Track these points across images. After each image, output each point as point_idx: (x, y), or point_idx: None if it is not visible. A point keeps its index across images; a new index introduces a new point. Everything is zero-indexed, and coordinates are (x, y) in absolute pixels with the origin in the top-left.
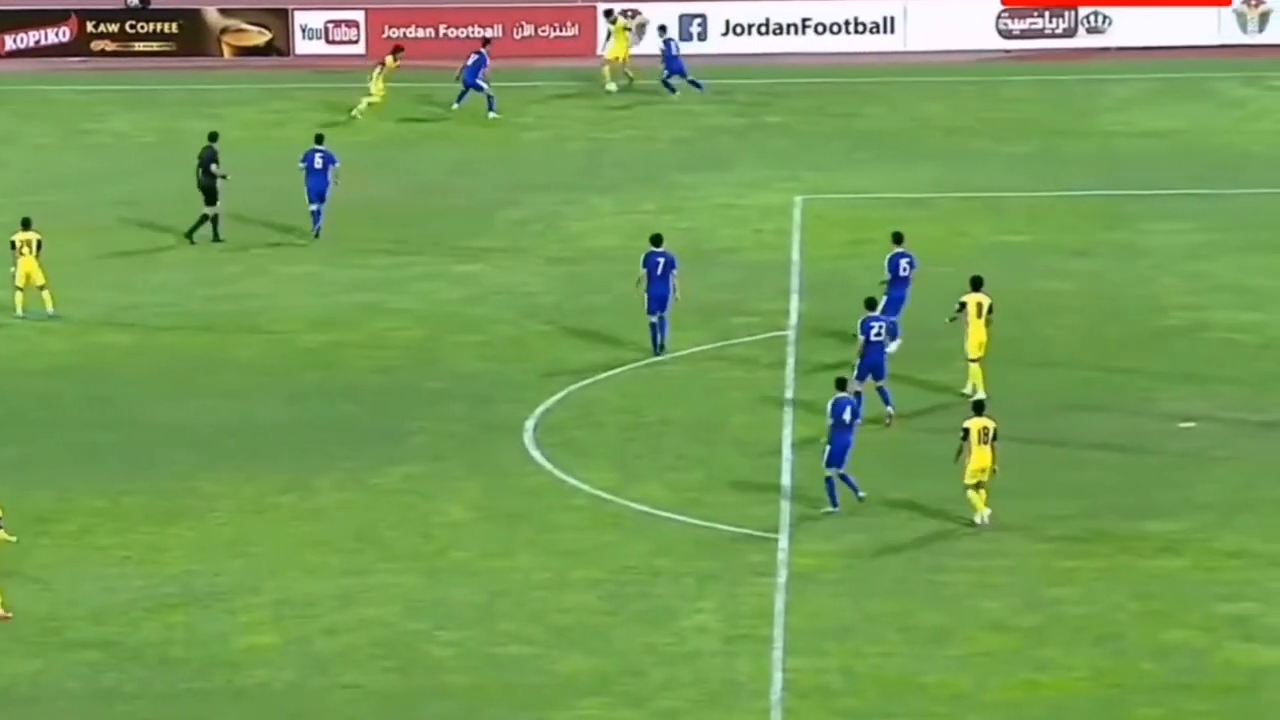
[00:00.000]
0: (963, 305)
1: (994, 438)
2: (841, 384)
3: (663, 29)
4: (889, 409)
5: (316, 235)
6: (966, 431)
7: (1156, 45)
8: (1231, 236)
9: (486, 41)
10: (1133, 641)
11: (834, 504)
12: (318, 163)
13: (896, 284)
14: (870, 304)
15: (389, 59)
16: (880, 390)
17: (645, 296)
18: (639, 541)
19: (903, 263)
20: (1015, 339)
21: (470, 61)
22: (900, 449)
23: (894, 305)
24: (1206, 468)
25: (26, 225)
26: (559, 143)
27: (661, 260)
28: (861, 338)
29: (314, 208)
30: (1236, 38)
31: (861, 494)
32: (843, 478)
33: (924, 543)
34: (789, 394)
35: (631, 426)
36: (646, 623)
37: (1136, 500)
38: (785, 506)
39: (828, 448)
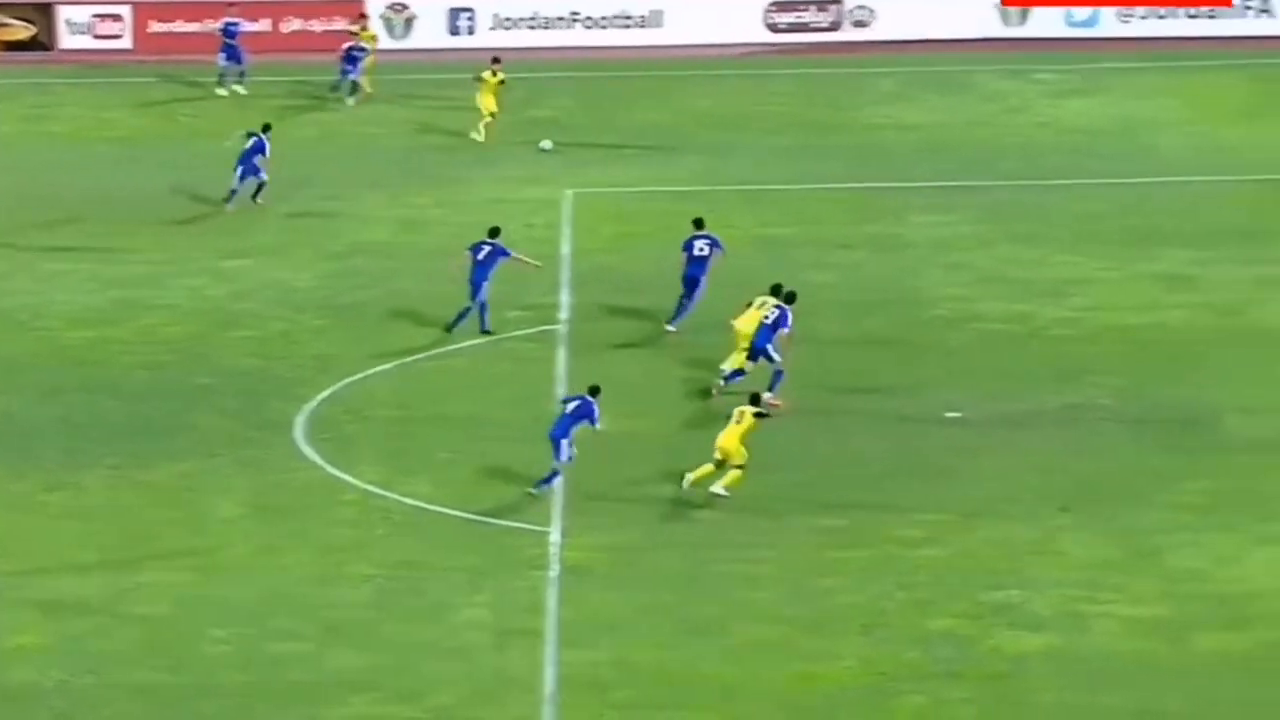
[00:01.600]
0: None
1: (745, 422)
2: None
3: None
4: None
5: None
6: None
7: (920, 39)
8: (992, 228)
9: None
10: (899, 630)
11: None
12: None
13: (692, 264)
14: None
15: (488, 75)
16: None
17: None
18: (410, 537)
19: (698, 243)
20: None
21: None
22: (669, 442)
23: (688, 285)
24: (971, 457)
25: None
26: (329, 138)
27: (487, 248)
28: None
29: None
30: (998, 31)
31: (540, 489)
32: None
33: (696, 535)
34: (560, 387)
35: (403, 422)
36: (418, 618)
37: (903, 490)
38: (557, 500)
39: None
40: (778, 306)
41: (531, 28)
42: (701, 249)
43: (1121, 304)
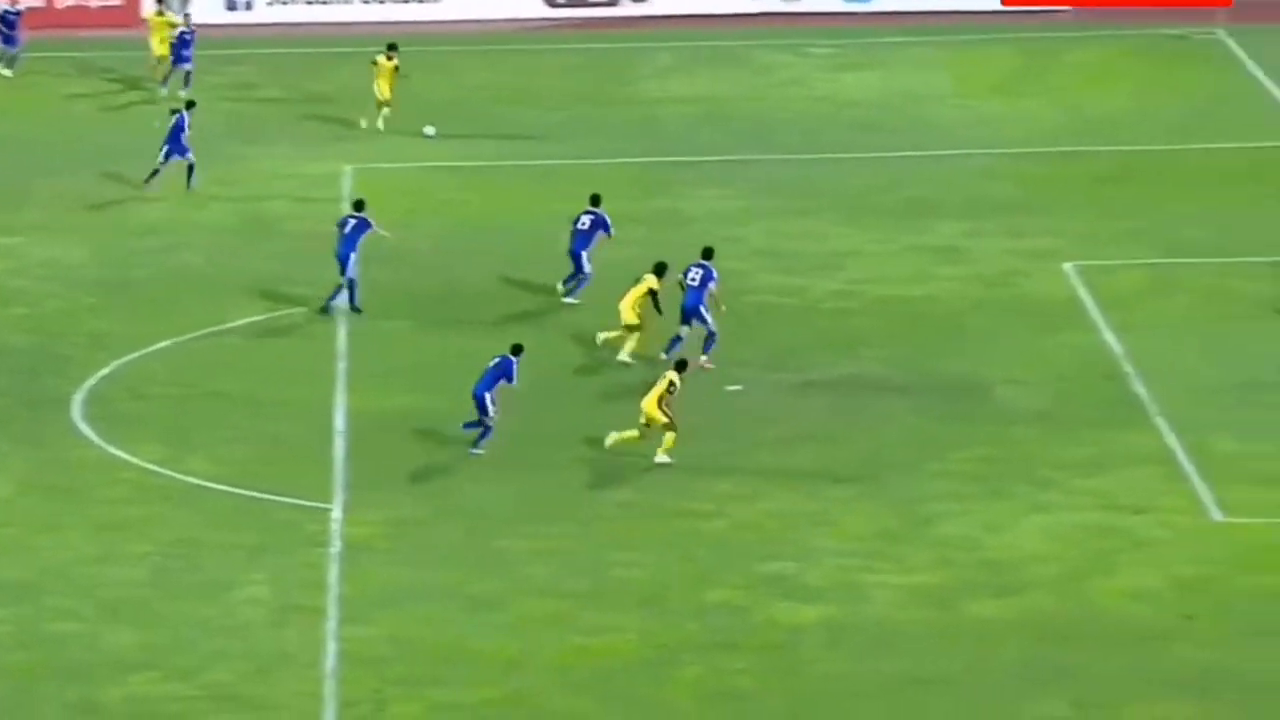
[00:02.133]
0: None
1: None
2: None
3: None
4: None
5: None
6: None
7: (696, 13)
8: (766, 202)
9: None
10: (678, 602)
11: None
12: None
13: (576, 238)
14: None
15: (382, 60)
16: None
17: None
18: (189, 514)
19: (583, 219)
20: (565, 306)
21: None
22: (449, 418)
23: (573, 258)
24: (750, 429)
25: None
26: (103, 114)
27: (352, 221)
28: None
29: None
30: (774, 5)
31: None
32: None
33: (477, 511)
34: (341, 363)
35: (182, 399)
36: (196, 596)
37: (683, 463)
38: (338, 477)
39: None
40: (700, 266)
41: (309, 3)
42: (584, 222)
43: (893, 276)
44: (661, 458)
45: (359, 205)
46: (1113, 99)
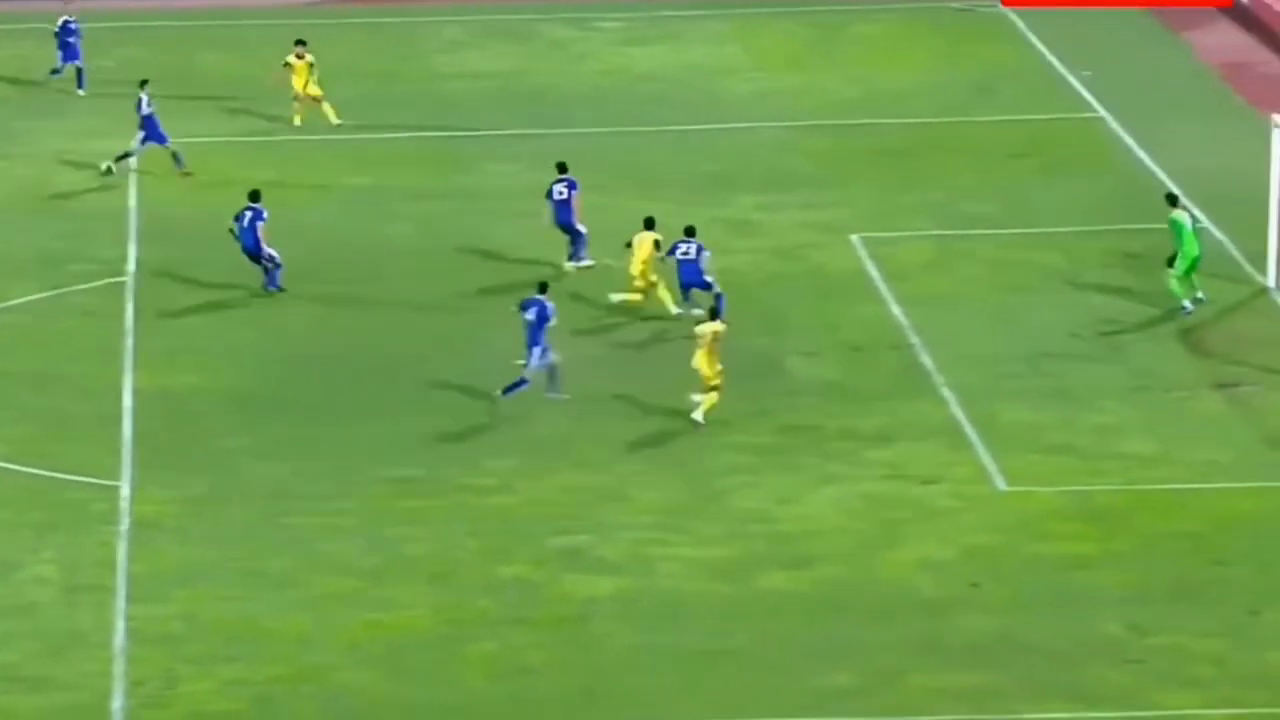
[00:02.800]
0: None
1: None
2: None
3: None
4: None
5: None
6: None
7: None
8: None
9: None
10: (469, 578)
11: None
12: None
13: (559, 210)
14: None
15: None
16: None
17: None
18: None
19: (558, 188)
20: (356, 280)
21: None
22: (236, 396)
23: (565, 229)
24: (541, 405)
25: None
26: None
27: (249, 213)
28: (671, 258)
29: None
30: None
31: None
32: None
33: (268, 488)
34: (129, 341)
35: None
36: None
37: (473, 439)
38: (127, 454)
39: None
40: (687, 241)
41: None
42: (560, 192)
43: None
44: (699, 417)
45: (254, 196)
46: (900, 73)
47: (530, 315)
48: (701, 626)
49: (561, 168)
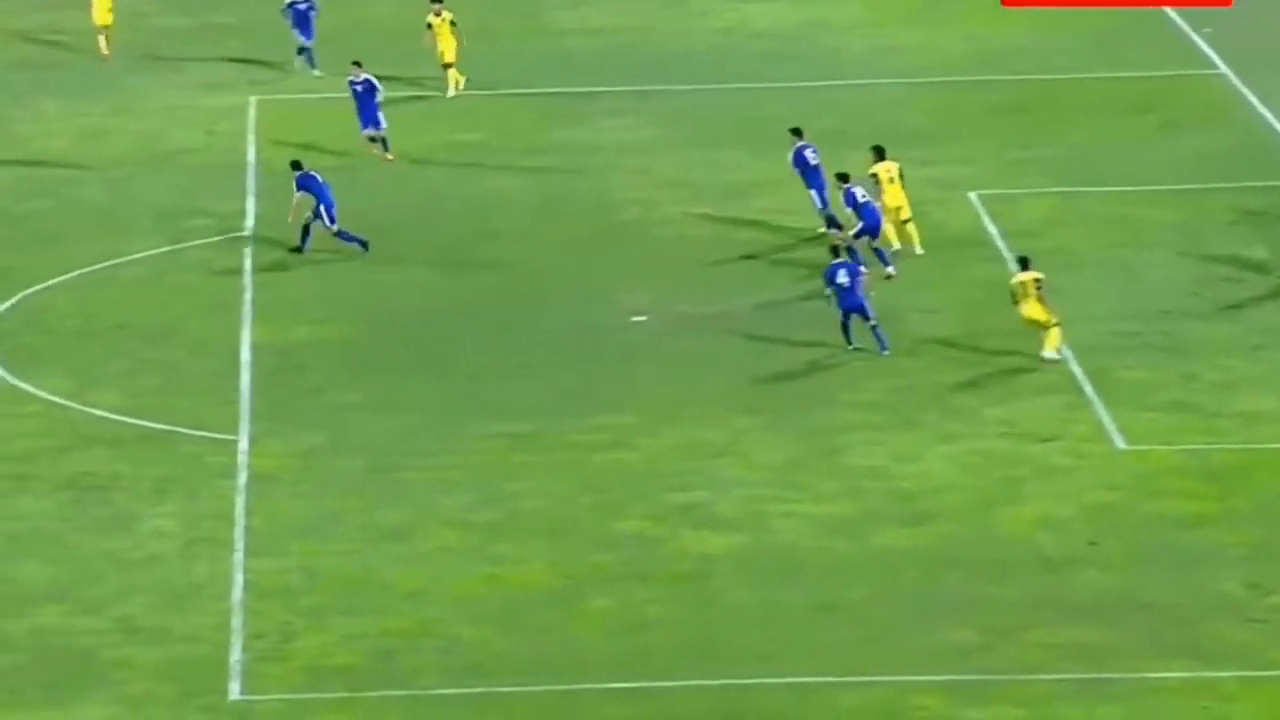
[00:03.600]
0: (874, 175)
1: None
2: (834, 251)
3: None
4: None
5: None
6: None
7: None
8: (675, 132)
9: None
10: (585, 534)
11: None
12: None
13: (809, 174)
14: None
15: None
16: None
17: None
18: (97, 447)
19: (808, 153)
20: (469, 236)
21: None
22: (351, 350)
23: (811, 182)
24: (655, 361)
25: None
26: (1, 45)
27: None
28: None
29: None
30: None
31: (886, 349)
32: (872, 330)
33: (383, 442)
34: (247, 296)
35: (86, 332)
36: (105, 529)
37: (589, 394)
38: (244, 408)
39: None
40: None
41: None
42: (812, 157)
43: (803, 207)
44: (1049, 353)
45: (296, 165)
46: (1018, 29)
47: (843, 279)
48: (818, 583)
49: (798, 132)
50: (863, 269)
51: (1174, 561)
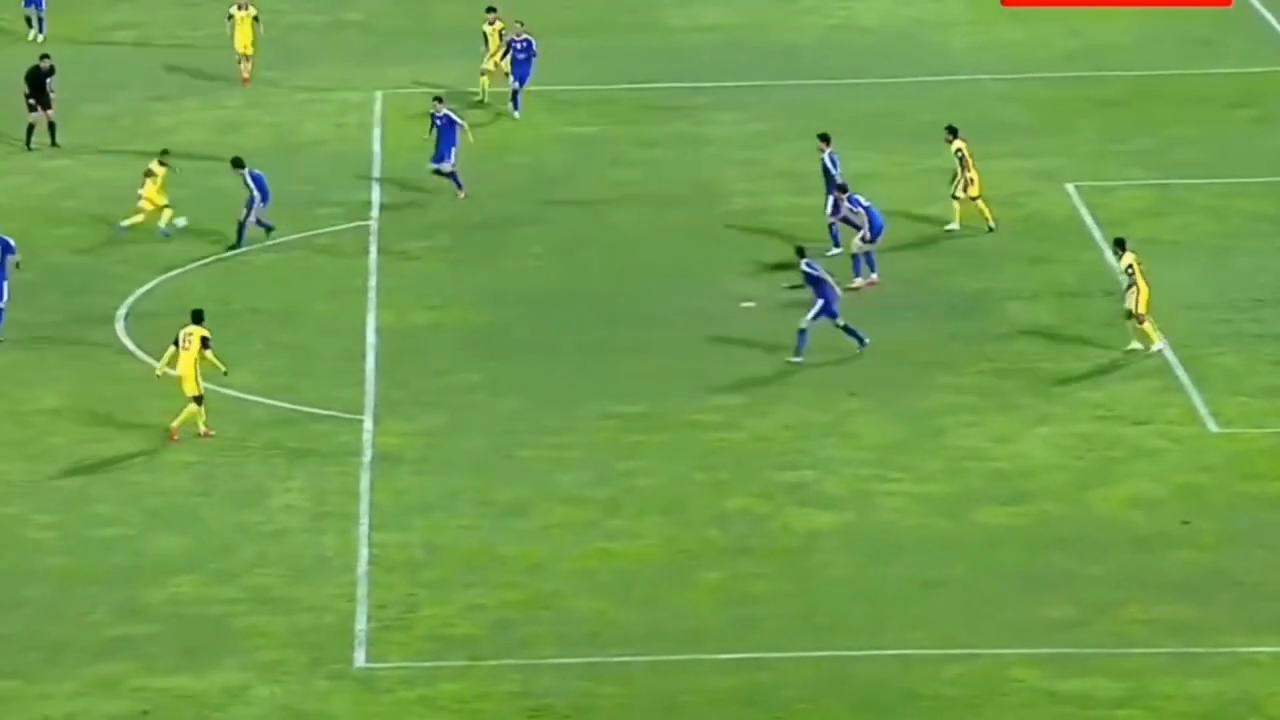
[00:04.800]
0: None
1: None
2: (800, 252)
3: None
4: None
5: None
6: (1130, 268)
7: None
8: (785, 125)
9: None
10: (697, 510)
11: (799, 354)
12: None
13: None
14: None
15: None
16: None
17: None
18: (230, 425)
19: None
20: (586, 225)
21: None
22: (471, 334)
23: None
24: (763, 345)
25: None
26: (143, 42)
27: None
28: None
29: None
30: None
31: (866, 342)
32: (844, 328)
33: (500, 422)
34: (372, 281)
35: (221, 315)
36: (237, 503)
37: (700, 376)
38: (370, 389)
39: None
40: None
41: None
42: (835, 165)
43: (910, 197)
44: (1136, 345)
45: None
46: (1118, 26)
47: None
48: (920, 559)
49: (825, 138)
50: (859, 278)
51: (1264, 540)
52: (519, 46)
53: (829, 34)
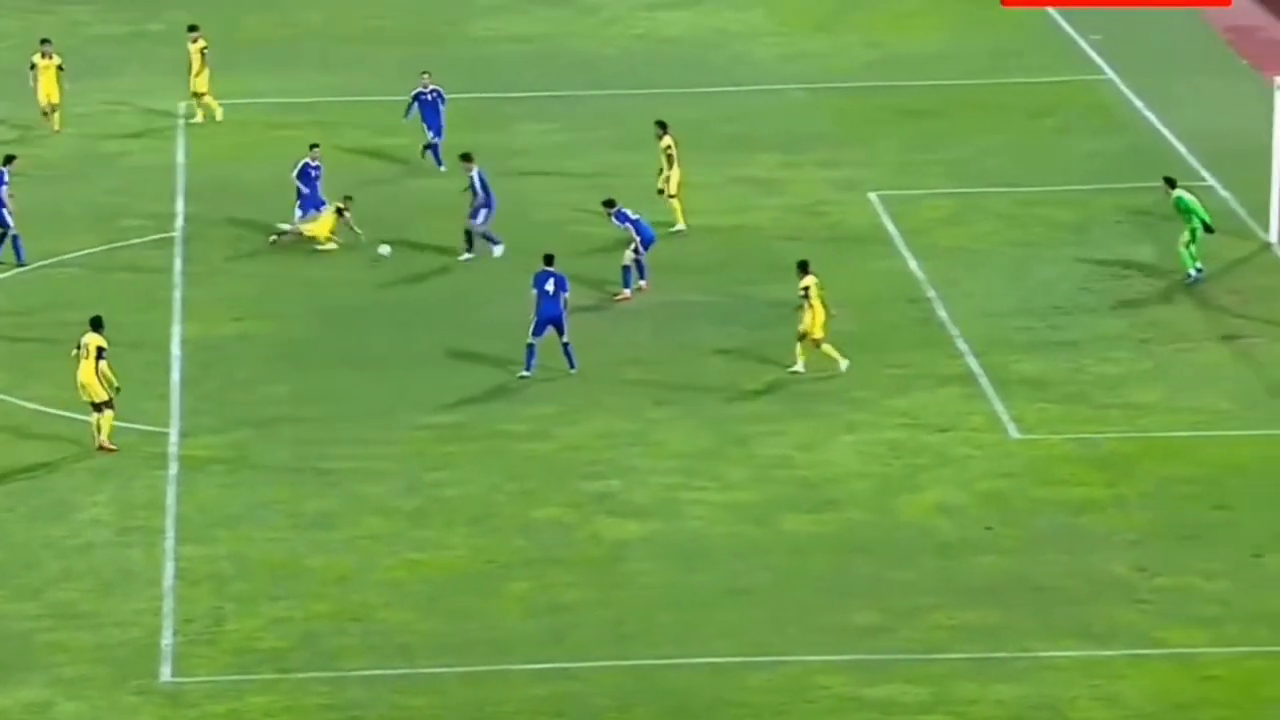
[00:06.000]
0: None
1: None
2: (548, 259)
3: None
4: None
5: None
6: (807, 290)
7: None
8: (594, 136)
9: None
10: (506, 520)
11: (529, 368)
12: None
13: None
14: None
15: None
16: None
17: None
18: (33, 440)
19: (477, 178)
20: (394, 237)
21: None
22: (279, 345)
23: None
24: (575, 353)
25: None
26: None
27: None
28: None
29: None
30: None
31: (574, 368)
32: (564, 347)
33: (309, 433)
34: (177, 293)
35: (23, 328)
36: (42, 517)
37: (508, 387)
38: (175, 401)
39: (534, 319)
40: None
41: None
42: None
43: (715, 207)
44: (798, 367)
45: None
46: (921, 36)
47: (549, 287)
48: (728, 567)
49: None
50: (628, 288)
51: (1065, 545)
52: (428, 97)
53: (633, 44)
